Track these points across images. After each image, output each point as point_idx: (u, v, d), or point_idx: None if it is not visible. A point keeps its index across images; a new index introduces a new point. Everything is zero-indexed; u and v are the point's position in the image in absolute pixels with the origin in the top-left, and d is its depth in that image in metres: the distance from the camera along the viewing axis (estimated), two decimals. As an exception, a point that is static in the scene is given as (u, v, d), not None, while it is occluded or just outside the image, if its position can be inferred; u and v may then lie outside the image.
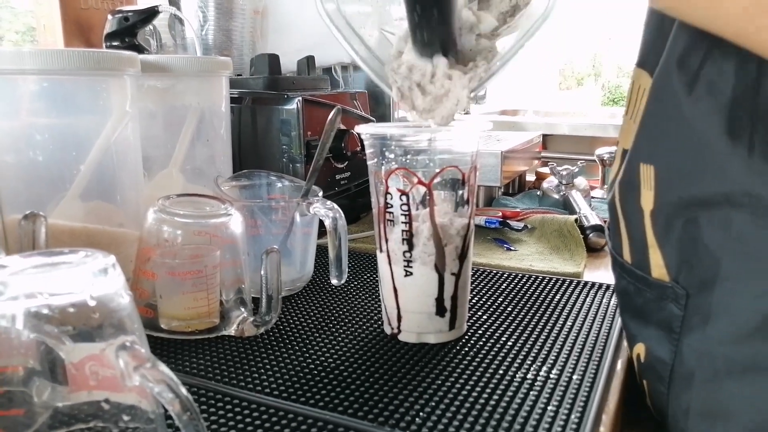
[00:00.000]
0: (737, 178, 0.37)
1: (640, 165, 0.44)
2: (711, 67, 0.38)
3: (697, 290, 0.41)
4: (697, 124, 0.39)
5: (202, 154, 0.68)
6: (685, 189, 0.41)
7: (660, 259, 0.43)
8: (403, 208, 0.47)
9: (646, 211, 0.44)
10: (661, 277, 0.43)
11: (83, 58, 0.51)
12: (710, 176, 0.39)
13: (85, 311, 0.30)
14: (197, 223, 0.52)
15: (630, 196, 0.46)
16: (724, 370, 0.39)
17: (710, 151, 0.39)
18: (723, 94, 0.38)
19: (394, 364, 0.46)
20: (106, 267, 0.31)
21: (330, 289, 0.63)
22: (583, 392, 0.42)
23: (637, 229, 0.45)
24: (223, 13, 0.98)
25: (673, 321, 0.42)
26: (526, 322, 0.54)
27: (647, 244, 0.44)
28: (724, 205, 0.38)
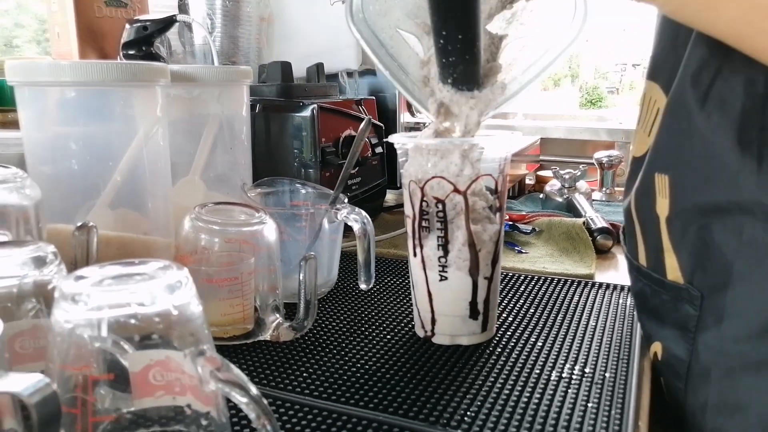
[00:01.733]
0: (748, 189, 0.40)
1: (655, 175, 0.47)
2: (721, 84, 0.41)
3: (711, 291, 0.43)
4: (709, 137, 0.42)
5: (224, 162, 0.69)
6: (699, 197, 0.43)
7: (675, 263, 0.46)
8: (439, 215, 0.49)
9: (662, 217, 0.47)
10: (676, 279, 0.46)
11: (121, 71, 0.52)
12: (722, 186, 0.41)
13: (168, 320, 0.31)
14: (234, 231, 0.53)
15: (646, 204, 0.49)
16: (739, 366, 0.42)
17: (722, 162, 0.41)
18: (733, 109, 0.40)
19: (433, 365, 0.48)
20: (180, 278, 0.33)
21: (355, 293, 0.65)
22: (618, 389, 0.44)
23: (653, 234, 0.48)
24: (230, 20, 0.99)
25: (688, 321, 0.45)
26: (551, 323, 0.56)
27: (663, 249, 0.47)
28: (735, 213, 0.41)
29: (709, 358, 0.44)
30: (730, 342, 0.42)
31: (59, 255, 0.39)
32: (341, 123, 0.86)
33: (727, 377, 0.43)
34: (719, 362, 0.43)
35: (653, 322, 0.50)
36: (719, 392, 0.43)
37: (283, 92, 0.84)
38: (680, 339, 0.46)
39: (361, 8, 0.53)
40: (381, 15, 0.54)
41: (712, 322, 0.43)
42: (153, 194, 0.59)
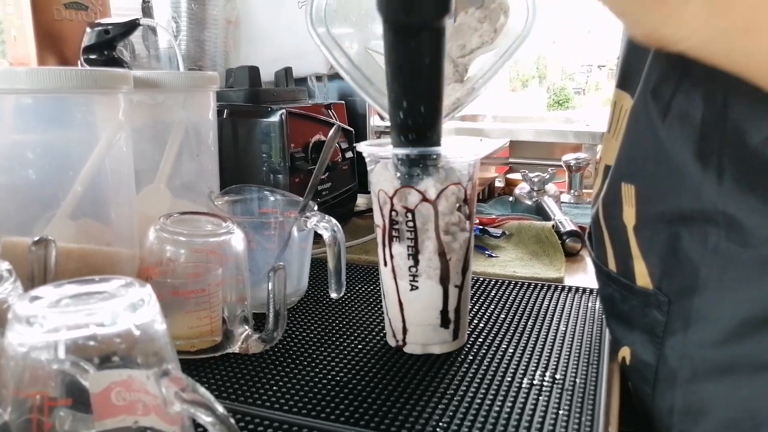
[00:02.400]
0: (710, 199, 0.40)
1: (622, 184, 0.47)
2: (682, 97, 0.41)
3: (678, 297, 0.44)
4: (671, 148, 0.42)
5: (191, 169, 0.68)
6: (664, 207, 0.44)
7: (644, 269, 0.46)
8: (408, 225, 0.48)
9: (629, 226, 0.47)
10: (645, 285, 0.46)
11: (80, 77, 0.50)
12: (686, 196, 0.42)
13: (129, 340, 0.30)
14: (200, 242, 0.52)
15: (613, 212, 0.49)
16: (704, 371, 0.42)
17: (684, 173, 0.42)
18: (693, 121, 0.41)
19: (404, 375, 0.48)
20: (143, 296, 0.32)
21: (326, 302, 0.64)
22: (588, 395, 0.44)
23: (621, 241, 0.48)
24: (196, 23, 0.98)
25: (656, 326, 0.46)
26: (521, 328, 0.57)
27: (632, 256, 0.47)
28: (700, 221, 0.41)
29: (675, 363, 0.44)
30: (696, 347, 0.43)
31: (14, 272, 0.37)
32: (310, 128, 0.85)
33: (693, 382, 0.43)
34: (685, 367, 0.44)
35: (622, 327, 0.51)
36: (685, 396, 0.44)
37: (250, 97, 0.82)
38: (648, 344, 0.47)
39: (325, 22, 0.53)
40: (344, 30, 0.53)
41: (679, 327, 0.44)
42: (116, 203, 0.58)
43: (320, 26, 0.54)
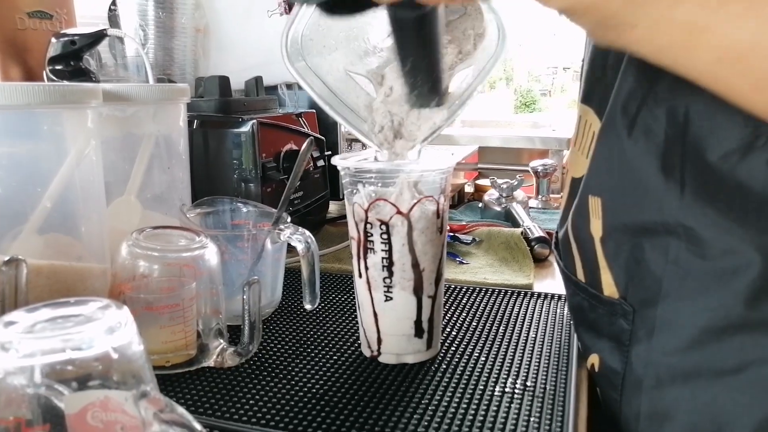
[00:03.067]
0: (672, 212, 0.42)
1: (589, 197, 0.49)
2: (646, 113, 0.43)
3: (643, 307, 0.46)
4: (636, 163, 0.44)
5: (162, 181, 0.67)
6: (629, 219, 0.46)
7: (610, 279, 0.48)
8: (383, 237, 0.49)
9: (596, 237, 0.49)
10: (611, 294, 0.48)
11: (49, 93, 0.49)
12: (649, 209, 0.44)
13: (107, 363, 0.30)
14: (174, 257, 0.52)
15: (581, 224, 0.51)
16: (668, 377, 0.44)
17: (648, 187, 0.43)
18: (657, 137, 0.43)
19: (380, 385, 0.49)
20: (120, 319, 0.32)
21: (300, 313, 0.64)
22: (558, 401, 0.46)
23: (589, 252, 0.50)
24: (164, 31, 0.97)
25: (622, 334, 0.47)
26: (493, 336, 0.58)
27: (599, 266, 0.49)
28: (662, 234, 0.43)
29: (641, 370, 0.46)
30: (660, 355, 0.45)
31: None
32: (282, 137, 0.85)
33: (657, 388, 0.45)
34: (650, 374, 0.46)
35: (590, 335, 0.53)
36: (650, 402, 0.46)
37: (221, 107, 0.82)
38: (615, 351, 0.48)
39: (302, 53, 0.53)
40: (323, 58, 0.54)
41: (644, 335, 0.46)
42: (86, 218, 0.57)
43: (297, 60, 0.54)
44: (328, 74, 0.55)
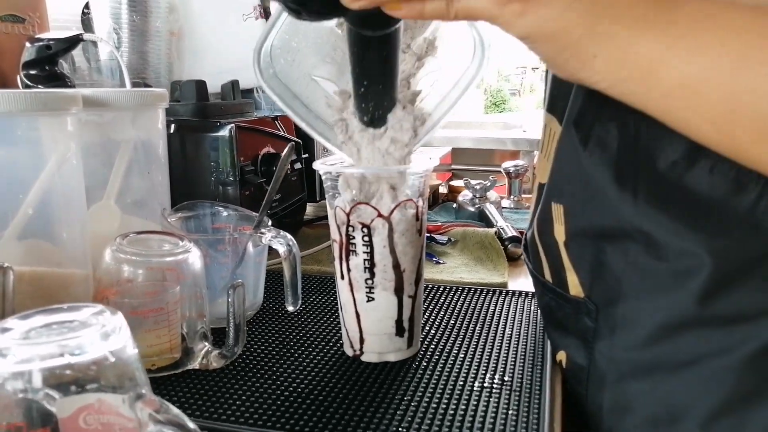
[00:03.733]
0: (628, 218, 0.45)
1: (552, 203, 0.52)
2: (599, 127, 0.46)
3: (605, 305, 0.48)
4: (593, 172, 0.46)
5: (141, 186, 0.68)
6: (589, 225, 0.48)
7: (576, 280, 0.51)
8: (364, 240, 0.51)
9: (560, 242, 0.51)
10: (577, 294, 0.51)
11: (29, 100, 0.50)
12: (607, 215, 0.46)
13: (103, 367, 0.31)
14: (158, 261, 0.52)
15: (545, 229, 0.53)
16: (629, 372, 0.47)
17: (604, 195, 0.46)
18: (610, 149, 0.45)
19: (363, 383, 0.50)
20: (116, 323, 0.33)
21: (281, 314, 0.65)
22: (534, 395, 0.48)
23: (554, 255, 0.53)
24: (138, 34, 0.97)
25: (587, 332, 0.50)
26: (470, 333, 0.60)
27: (564, 268, 0.52)
28: (621, 238, 0.46)
29: (604, 366, 0.49)
30: (621, 351, 0.47)
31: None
32: (259, 141, 0.86)
33: (619, 382, 0.48)
34: (612, 369, 0.48)
35: (558, 333, 0.55)
36: (612, 396, 0.48)
37: (198, 112, 0.83)
38: (581, 348, 0.51)
39: (271, 63, 0.55)
40: (292, 65, 0.55)
41: (606, 332, 0.48)
42: (67, 223, 0.57)
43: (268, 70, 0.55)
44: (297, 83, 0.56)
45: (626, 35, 0.35)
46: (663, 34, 0.34)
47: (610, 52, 0.35)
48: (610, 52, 0.35)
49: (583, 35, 0.35)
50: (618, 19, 0.35)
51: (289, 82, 0.55)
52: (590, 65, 0.36)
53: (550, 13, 0.35)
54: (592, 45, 0.35)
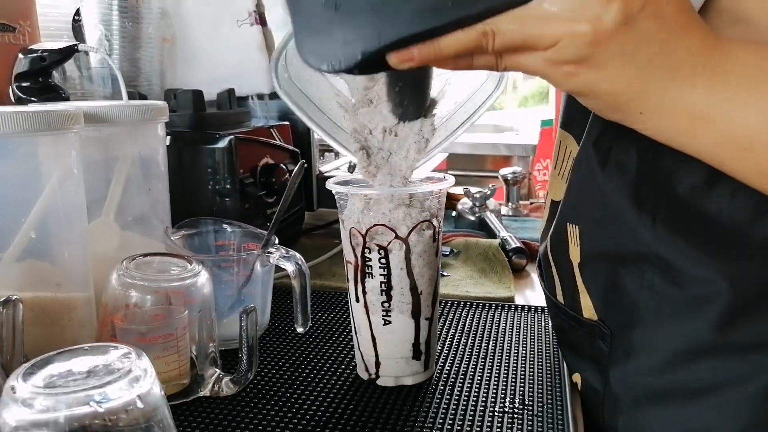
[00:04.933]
0: (645, 242, 0.44)
1: (567, 224, 0.51)
2: (618, 149, 0.45)
3: (619, 330, 0.48)
4: (611, 195, 0.46)
5: (141, 202, 0.66)
6: (605, 247, 0.48)
7: (589, 302, 0.50)
8: (381, 262, 0.50)
9: (575, 263, 0.51)
10: (590, 317, 0.50)
11: (33, 120, 0.48)
12: (624, 238, 0.46)
13: (133, 413, 0.30)
14: (167, 286, 0.51)
15: (560, 250, 0.53)
16: (644, 397, 0.46)
17: (622, 218, 0.45)
18: (629, 171, 0.45)
19: (382, 409, 0.49)
20: (144, 367, 0.31)
21: (289, 335, 0.64)
22: (558, 421, 0.47)
23: (568, 277, 0.52)
24: (130, 41, 0.94)
25: (601, 356, 0.49)
26: (484, 352, 0.59)
27: (578, 290, 0.51)
28: (637, 261, 0.45)
29: (618, 390, 0.48)
30: (636, 376, 0.47)
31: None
32: (258, 152, 0.84)
33: (634, 407, 0.47)
34: (627, 394, 0.48)
35: (572, 355, 0.55)
36: (627, 421, 0.48)
37: (196, 123, 0.80)
38: (596, 372, 0.50)
39: (286, 67, 0.53)
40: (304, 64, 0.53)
41: (621, 357, 0.48)
42: (69, 244, 0.55)
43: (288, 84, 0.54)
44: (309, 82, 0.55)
45: (677, 92, 0.34)
46: (714, 88, 0.34)
47: (659, 107, 0.35)
48: (659, 107, 0.35)
49: (632, 97, 0.35)
50: (670, 75, 0.34)
51: (302, 84, 0.54)
52: (636, 119, 0.36)
53: (602, 76, 0.34)
54: (641, 103, 0.35)
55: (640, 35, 0.33)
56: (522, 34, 0.33)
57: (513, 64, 0.36)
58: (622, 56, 0.33)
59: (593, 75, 0.34)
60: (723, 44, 0.35)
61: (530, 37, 0.34)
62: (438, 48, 0.35)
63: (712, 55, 0.34)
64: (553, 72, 0.35)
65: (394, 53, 0.35)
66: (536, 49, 0.34)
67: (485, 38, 0.34)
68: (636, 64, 0.33)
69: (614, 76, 0.34)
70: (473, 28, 0.34)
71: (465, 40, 0.34)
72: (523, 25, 0.33)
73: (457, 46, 0.35)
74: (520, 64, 0.36)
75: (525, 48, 0.34)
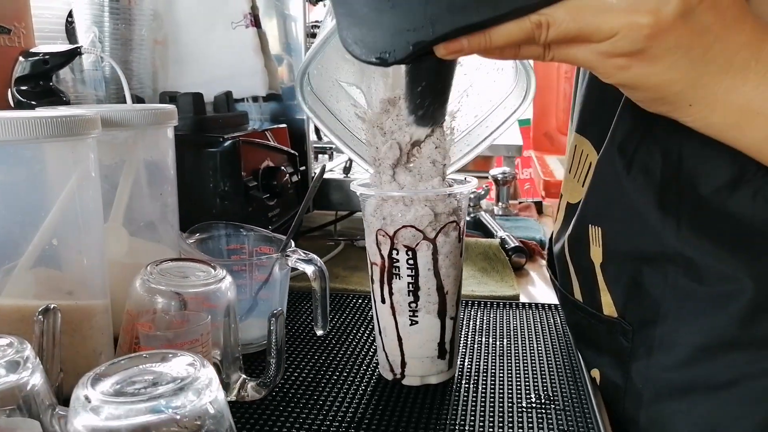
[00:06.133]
0: (670, 243, 0.46)
1: (589, 226, 0.52)
2: (643, 152, 0.46)
3: (641, 326, 0.49)
4: (635, 198, 0.47)
5: (152, 208, 0.65)
6: (629, 248, 0.49)
7: (610, 300, 0.51)
8: (409, 263, 0.50)
9: (597, 263, 0.52)
10: (610, 314, 0.52)
11: (55, 126, 0.47)
12: (648, 239, 0.47)
13: (206, 420, 0.30)
14: (193, 292, 0.50)
15: (579, 250, 0.54)
16: (666, 392, 0.48)
17: (647, 220, 0.47)
18: (654, 174, 0.46)
19: (412, 408, 0.50)
20: (210, 375, 0.31)
21: (308, 337, 0.64)
22: (587, 415, 0.48)
23: (588, 276, 0.53)
24: (122, 43, 0.92)
25: (622, 351, 0.51)
26: (500, 350, 0.60)
27: (599, 288, 0.52)
28: (661, 261, 0.47)
29: (640, 385, 0.50)
30: (659, 371, 0.48)
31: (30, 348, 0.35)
32: (259, 154, 0.84)
33: (656, 402, 0.49)
34: (649, 388, 0.49)
35: (591, 351, 0.56)
36: (649, 415, 0.49)
37: (197, 126, 0.80)
38: (616, 367, 0.52)
39: (308, 80, 0.53)
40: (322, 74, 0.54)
41: (643, 353, 0.49)
42: (87, 251, 0.54)
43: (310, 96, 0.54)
44: (328, 94, 0.55)
45: (729, 85, 0.34)
46: (763, 83, 0.34)
47: (709, 100, 0.35)
48: (709, 100, 0.35)
49: (683, 89, 0.35)
50: (723, 68, 0.34)
51: (322, 95, 0.54)
52: (685, 111, 0.36)
53: (654, 69, 0.34)
54: (690, 95, 0.35)
55: (697, 28, 0.32)
56: (578, 25, 0.33)
57: (562, 55, 0.35)
58: (678, 49, 0.33)
59: (646, 68, 0.34)
60: None
61: (586, 29, 0.33)
62: (489, 39, 0.34)
63: (764, 48, 0.34)
64: (603, 64, 0.34)
65: (443, 44, 0.34)
66: (591, 41, 0.33)
67: (539, 29, 0.33)
68: (690, 57, 0.33)
69: (667, 70, 0.34)
70: (528, 18, 0.33)
71: (518, 31, 0.33)
72: (579, 16, 0.32)
73: (508, 37, 0.34)
74: (569, 55, 0.35)
75: (579, 40, 0.33)
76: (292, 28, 1.03)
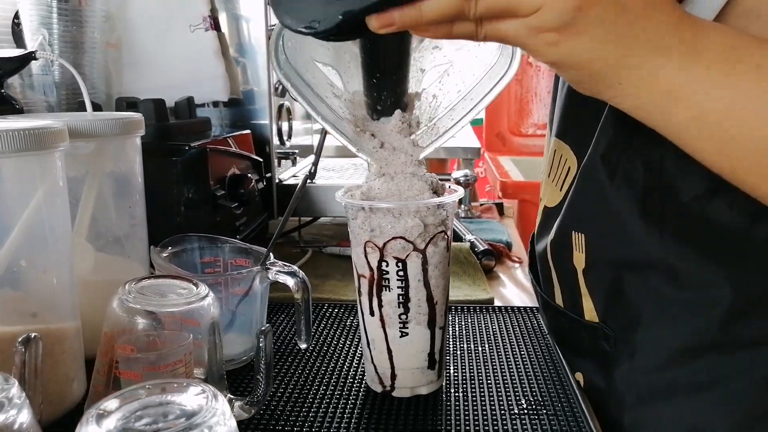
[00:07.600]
0: (653, 250, 0.47)
1: (572, 232, 0.53)
2: (626, 162, 0.48)
3: (623, 331, 0.51)
4: (619, 207, 0.48)
5: (119, 222, 0.62)
6: (612, 254, 0.50)
7: (591, 305, 0.53)
8: (399, 274, 0.50)
9: (579, 269, 0.53)
10: (592, 319, 0.53)
11: (21, 140, 0.44)
12: (632, 246, 0.48)
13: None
14: (177, 311, 0.48)
15: (562, 256, 0.55)
16: (648, 394, 0.50)
17: (630, 228, 0.48)
18: (637, 183, 0.47)
19: (405, 420, 0.49)
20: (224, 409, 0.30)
21: (290, 350, 0.62)
22: (579, 418, 0.49)
23: (571, 282, 0.54)
24: (73, 46, 0.88)
25: (604, 356, 0.52)
26: (483, 355, 0.61)
27: (580, 294, 0.53)
28: (643, 268, 0.48)
29: (623, 388, 0.51)
30: (640, 374, 0.50)
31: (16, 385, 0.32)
32: (226, 162, 0.82)
33: (638, 404, 0.50)
34: (631, 392, 0.51)
35: (573, 355, 0.57)
36: (632, 417, 0.51)
37: (160, 133, 0.76)
38: (599, 371, 0.53)
39: (283, 48, 0.52)
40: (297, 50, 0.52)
41: (625, 357, 0.51)
42: (56, 270, 0.51)
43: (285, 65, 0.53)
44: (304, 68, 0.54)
45: (654, 65, 0.35)
46: (688, 64, 0.35)
47: (634, 80, 0.36)
48: (634, 80, 0.36)
49: (612, 66, 0.36)
50: (647, 46, 0.35)
51: (298, 68, 0.53)
52: (615, 89, 0.37)
53: (583, 45, 0.35)
54: (620, 73, 0.36)
55: (620, 2, 0.34)
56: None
57: (493, 32, 0.36)
58: (603, 23, 0.34)
59: (574, 43, 0.35)
60: (698, 23, 0.36)
61: (513, 2, 0.34)
62: (419, 12, 0.35)
63: (686, 30, 0.35)
64: (533, 41, 0.35)
65: (375, 16, 0.35)
66: (518, 15, 0.34)
67: (468, 3, 0.34)
68: (616, 32, 0.34)
69: (595, 44, 0.35)
70: None
71: (447, 5, 0.34)
72: None
73: (438, 11, 0.34)
74: (500, 31, 0.35)
75: (507, 14, 0.34)
76: (244, 29, 1.00)
